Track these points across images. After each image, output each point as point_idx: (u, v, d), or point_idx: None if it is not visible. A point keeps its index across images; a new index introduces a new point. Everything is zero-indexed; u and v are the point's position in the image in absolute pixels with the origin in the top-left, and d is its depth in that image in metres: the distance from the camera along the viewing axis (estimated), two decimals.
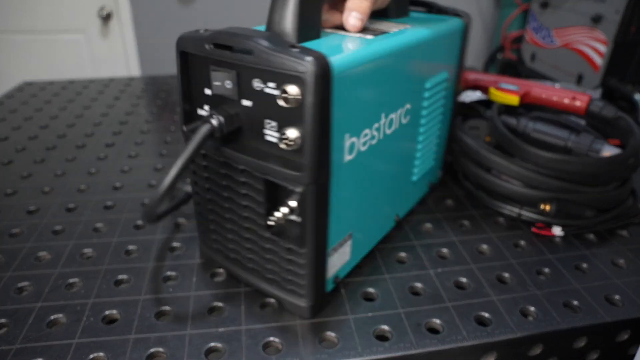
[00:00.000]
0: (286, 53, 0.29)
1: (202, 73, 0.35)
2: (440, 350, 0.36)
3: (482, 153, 0.53)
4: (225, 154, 0.36)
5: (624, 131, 0.54)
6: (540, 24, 1.65)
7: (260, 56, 0.30)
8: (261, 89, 0.32)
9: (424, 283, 0.43)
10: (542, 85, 0.59)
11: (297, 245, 0.35)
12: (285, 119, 0.32)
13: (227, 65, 0.33)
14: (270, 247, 0.37)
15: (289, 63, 0.29)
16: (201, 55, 0.34)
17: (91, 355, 0.35)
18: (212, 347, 0.36)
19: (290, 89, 0.29)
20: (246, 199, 0.37)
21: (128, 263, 0.45)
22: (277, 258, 0.37)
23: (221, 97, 0.34)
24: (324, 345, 0.36)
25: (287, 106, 0.30)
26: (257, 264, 0.39)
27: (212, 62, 0.33)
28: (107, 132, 0.75)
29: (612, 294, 0.42)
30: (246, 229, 0.38)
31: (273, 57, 0.30)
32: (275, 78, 0.31)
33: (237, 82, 0.33)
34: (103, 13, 1.68)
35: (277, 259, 0.37)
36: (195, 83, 0.36)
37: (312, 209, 0.33)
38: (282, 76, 0.30)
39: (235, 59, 0.32)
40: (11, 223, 0.50)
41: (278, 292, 0.39)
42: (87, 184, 0.59)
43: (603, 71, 1.36)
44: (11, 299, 0.40)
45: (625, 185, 0.52)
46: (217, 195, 0.39)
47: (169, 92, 0.95)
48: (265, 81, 0.31)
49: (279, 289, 0.39)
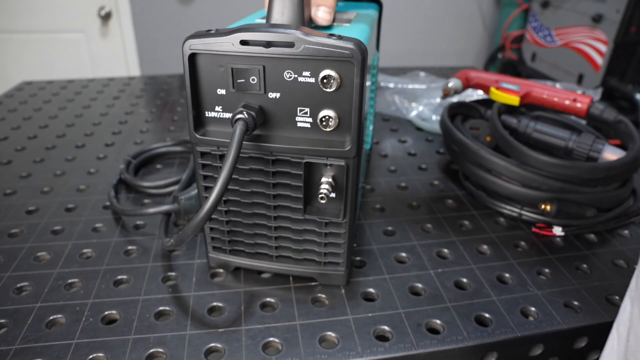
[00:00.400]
0: (331, 41, 0.31)
1: (214, 74, 0.34)
2: (441, 350, 0.36)
3: (482, 154, 0.53)
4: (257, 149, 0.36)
5: (624, 135, 0.54)
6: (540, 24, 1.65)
7: (303, 47, 0.31)
8: (294, 78, 0.33)
9: (424, 283, 0.43)
10: (544, 86, 0.59)
11: (339, 217, 0.38)
12: (319, 103, 0.34)
13: (253, 61, 0.33)
14: (307, 227, 0.39)
15: (336, 50, 0.31)
16: (220, 54, 0.33)
17: (91, 355, 0.34)
18: (211, 348, 0.36)
19: (332, 73, 0.32)
20: (279, 188, 0.38)
21: (128, 263, 0.44)
22: (314, 236, 0.40)
23: (242, 94, 0.35)
24: (324, 345, 0.36)
25: (327, 90, 0.33)
26: (288, 250, 0.41)
27: (234, 60, 0.33)
28: (107, 131, 0.75)
29: (613, 294, 0.42)
30: (278, 217, 0.39)
31: (318, 46, 0.31)
32: (312, 66, 0.32)
33: (264, 76, 0.33)
34: (103, 12, 1.68)
35: (314, 237, 0.40)
36: (206, 85, 0.35)
37: (353, 180, 0.36)
38: (323, 63, 0.32)
39: (264, 53, 0.32)
40: (10, 223, 0.50)
41: (313, 269, 0.41)
42: (86, 183, 0.59)
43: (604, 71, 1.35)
44: (10, 299, 0.40)
45: (626, 185, 0.52)
46: (238, 194, 0.39)
47: (169, 92, 0.95)
48: (300, 71, 0.33)
49: (314, 266, 0.41)
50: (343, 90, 0.33)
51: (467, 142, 0.55)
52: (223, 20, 1.82)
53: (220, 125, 0.37)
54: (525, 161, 0.50)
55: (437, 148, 0.71)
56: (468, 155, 0.55)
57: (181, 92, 0.95)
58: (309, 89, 0.33)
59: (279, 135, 0.36)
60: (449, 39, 2.04)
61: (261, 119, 0.35)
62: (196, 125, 0.36)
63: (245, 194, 0.39)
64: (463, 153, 0.56)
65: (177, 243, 0.36)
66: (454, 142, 0.57)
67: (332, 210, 0.38)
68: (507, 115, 0.60)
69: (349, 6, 0.51)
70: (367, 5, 0.53)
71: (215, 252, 0.43)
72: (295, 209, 0.39)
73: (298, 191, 0.37)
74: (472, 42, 2.09)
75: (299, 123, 0.35)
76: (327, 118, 0.34)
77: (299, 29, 0.32)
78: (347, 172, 0.36)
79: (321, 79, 0.32)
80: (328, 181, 0.36)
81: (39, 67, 1.71)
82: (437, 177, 0.62)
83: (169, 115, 0.82)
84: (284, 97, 0.34)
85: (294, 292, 0.41)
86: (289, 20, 0.34)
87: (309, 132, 0.35)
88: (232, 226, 0.41)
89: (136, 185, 0.56)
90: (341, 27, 0.39)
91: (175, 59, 1.86)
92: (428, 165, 0.66)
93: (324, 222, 0.39)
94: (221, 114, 0.36)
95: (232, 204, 0.40)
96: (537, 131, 0.57)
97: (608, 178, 0.50)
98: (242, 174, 0.38)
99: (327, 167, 0.36)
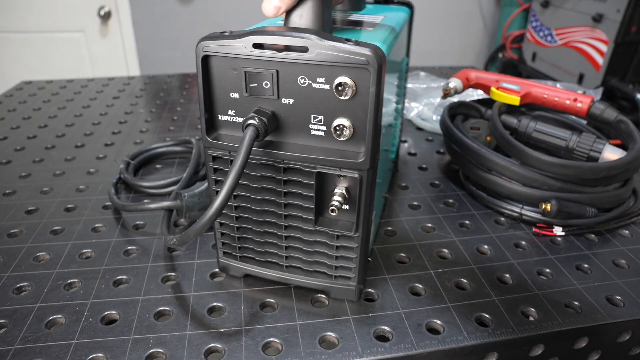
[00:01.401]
0: (346, 46, 0.30)
1: (228, 77, 0.34)
2: (441, 350, 0.36)
3: (482, 154, 0.53)
4: (268, 155, 0.35)
5: (625, 134, 0.54)
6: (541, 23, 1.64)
7: (317, 51, 0.30)
8: (308, 84, 0.32)
9: (424, 283, 0.43)
10: (544, 86, 0.58)
11: (351, 230, 0.36)
12: (333, 111, 0.33)
13: (266, 65, 0.32)
14: (317, 239, 0.38)
15: (352, 56, 0.30)
16: (233, 57, 0.32)
17: (90, 355, 0.34)
18: (211, 348, 0.35)
19: (347, 80, 0.31)
20: (290, 197, 0.37)
21: (127, 263, 0.44)
22: (325, 248, 0.38)
23: (255, 99, 0.34)
24: (324, 345, 0.36)
25: (341, 98, 0.31)
26: (299, 260, 0.40)
27: (247, 63, 0.33)
28: (107, 131, 0.75)
29: (614, 294, 0.42)
30: (288, 227, 0.38)
31: (333, 51, 0.30)
32: (327, 72, 0.31)
33: (277, 81, 0.32)
34: (102, 12, 1.68)
35: (325, 249, 0.38)
36: (219, 88, 0.34)
37: (367, 193, 0.35)
38: (338, 69, 0.31)
39: (278, 57, 0.31)
40: (10, 223, 0.50)
41: (324, 282, 0.40)
42: (86, 183, 0.59)
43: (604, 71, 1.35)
44: (10, 299, 0.40)
45: (627, 185, 0.52)
46: (249, 201, 0.38)
47: (168, 92, 0.95)
48: (314, 77, 0.32)
49: (325, 279, 0.40)
50: (358, 99, 0.31)
51: (468, 142, 0.55)
52: (223, 20, 1.82)
53: (233, 129, 0.36)
54: (526, 161, 0.50)
55: (437, 148, 0.71)
56: (468, 155, 0.55)
57: (181, 92, 0.95)
58: (324, 96, 0.32)
59: (292, 143, 0.35)
60: (449, 38, 2.04)
61: (273, 125, 0.34)
62: (208, 129, 0.36)
63: (256, 201, 0.38)
64: (463, 153, 0.56)
65: (179, 243, 0.36)
66: (455, 142, 0.57)
67: (344, 222, 0.37)
68: (507, 115, 0.60)
69: (378, 9, 0.49)
70: (397, 8, 0.51)
71: (225, 258, 0.43)
72: (306, 220, 0.37)
73: (309, 201, 0.36)
74: (473, 41, 2.09)
75: (313, 131, 0.34)
76: (341, 127, 0.32)
77: (315, 33, 0.30)
78: (360, 184, 0.34)
79: (336, 86, 0.31)
80: (341, 193, 0.35)
81: (38, 67, 1.71)
82: (437, 177, 0.62)
83: (168, 115, 0.82)
84: (298, 103, 0.33)
85: (293, 292, 0.41)
86: (307, 23, 0.33)
87: (322, 141, 0.34)
88: (242, 233, 0.40)
89: (136, 185, 0.56)
90: (364, 31, 0.38)
91: (175, 59, 1.86)
92: (428, 165, 0.66)
93: (336, 234, 0.37)
94: (234, 118, 0.35)
95: (243, 210, 0.39)
96: (537, 131, 0.57)
97: (608, 178, 0.50)
98: (253, 180, 0.37)
99: (340, 178, 0.35)
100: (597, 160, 0.52)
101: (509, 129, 0.58)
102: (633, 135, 0.53)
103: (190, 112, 0.83)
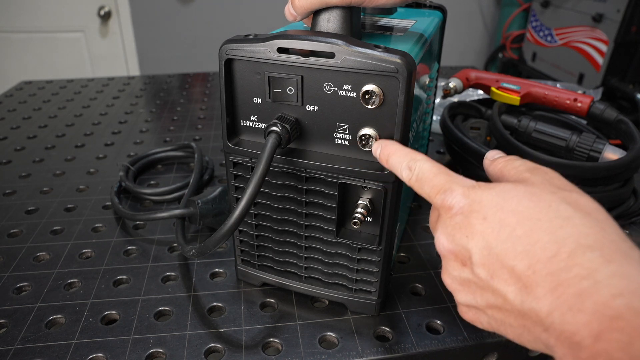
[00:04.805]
0: (375, 53, 0.28)
1: (251, 81, 0.33)
2: (441, 350, 0.36)
3: (482, 154, 0.53)
4: (290, 164, 0.34)
5: (625, 134, 0.54)
6: (541, 23, 1.65)
7: (344, 58, 0.29)
8: (333, 91, 0.31)
9: (424, 283, 0.43)
10: (544, 85, 0.58)
11: (374, 244, 0.35)
12: (359, 119, 0.31)
13: (291, 70, 0.31)
14: (338, 251, 0.37)
15: (380, 63, 0.28)
16: (257, 61, 0.31)
17: (90, 355, 0.34)
18: (211, 348, 0.35)
19: (374, 88, 0.29)
20: (311, 207, 0.36)
21: (127, 263, 0.44)
22: (346, 261, 0.37)
23: (278, 105, 0.33)
24: (324, 345, 0.36)
25: (368, 107, 0.30)
26: (318, 272, 0.39)
27: (271, 68, 0.31)
28: (107, 131, 0.75)
29: None
30: (309, 237, 0.37)
31: (360, 58, 0.29)
32: (354, 79, 0.30)
33: (301, 87, 0.31)
34: (102, 12, 1.68)
35: (346, 261, 0.37)
36: (242, 93, 0.33)
37: (391, 207, 0.33)
38: (366, 77, 0.30)
39: (303, 62, 0.30)
40: (10, 223, 0.50)
41: (343, 295, 0.39)
42: (86, 183, 0.59)
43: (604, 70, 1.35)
44: (10, 299, 0.40)
45: (627, 185, 0.52)
46: (269, 209, 0.37)
47: (168, 91, 0.95)
48: (340, 84, 0.30)
49: (344, 292, 0.39)
50: (386, 108, 0.30)
51: (468, 142, 0.55)
52: (223, 20, 1.82)
53: (255, 135, 0.35)
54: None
55: (437, 148, 0.71)
56: (468, 155, 0.55)
57: (181, 92, 0.95)
58: (350, 104, 0.31)
59: (315, 152, 0.34)
60: (449, 38, 2.03)
61: (297, 133, 0.32)
62: (230, 134, 0.35)
63: (277, 210, 0.37)
64: (463, 153, 0.56)
65: (199, 253, 0.34)
66: (455, 142, 0.57)
67: (367, 235, 0.36)
68: (507, 115, 0.60)
69: (410, 13, 0.47)
70: (429, 13, 0.48)
71: (243, 265, 0.42)
72: (327, 231, 0.36)
73: (331, 212, 0.35)
74: (473, 41, 2.09)
75: (337, 140, 0.33)
76: (367, 137, 0.31)
77: (342, 39, 0.29)
78: (385, 197, 0.33)
79: (362, 94, 0.30)
80: (364, 204, 0.33)
81: (38, 67, 1.71)
82: None
83: (168, 115, 0.82)
84: (323, 110, 0.32)
85: (293, 292, 0.41)
86: (335, 28, 0.31)
87: (346, 151, 0.33)
88: (261, 241, 0.39)
89: (138, 193, 0.54)
90: (394, 37, 0.36)
91: (175, 59, 1.86)
92: None
93: (358, 247, 0.36)
94: (256, 123, 0.34)
95: (263, 218, 0.38)
96: (537, 131, 0.57)
97: (609, 178, 0.50)
98: (273, 188, 0.36)
99: (364, 189, 0.34)
100: (597, 160, 0.52)
101: (509, 129, 0.58)
102: (633, 135, 0.53)
103: (190, 112, 0.83)
